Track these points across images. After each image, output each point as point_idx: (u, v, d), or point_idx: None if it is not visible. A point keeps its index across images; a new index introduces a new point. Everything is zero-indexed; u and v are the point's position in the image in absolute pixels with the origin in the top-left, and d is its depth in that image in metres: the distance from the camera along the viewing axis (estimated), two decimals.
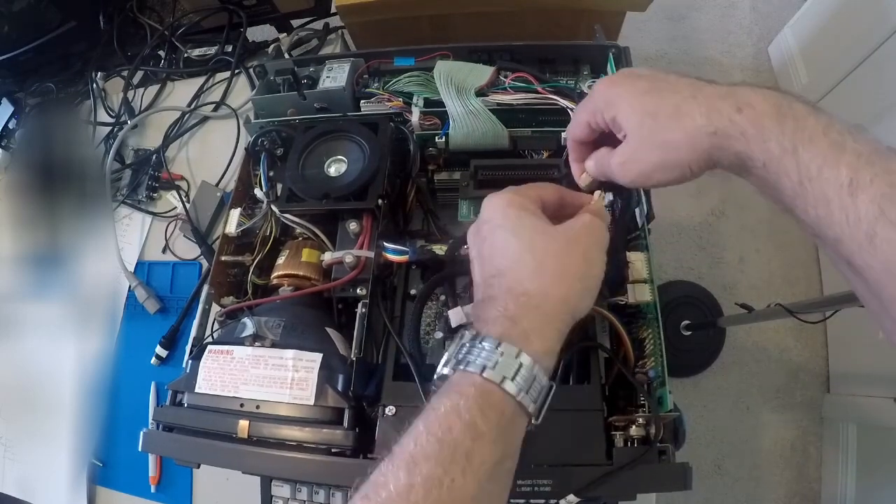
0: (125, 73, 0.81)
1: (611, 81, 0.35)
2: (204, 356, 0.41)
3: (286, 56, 0.65)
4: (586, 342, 0.41)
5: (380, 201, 0.45)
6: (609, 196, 0.46)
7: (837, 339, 1.26)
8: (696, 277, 1.37)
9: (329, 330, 0.44)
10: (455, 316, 0.44)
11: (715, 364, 1.29)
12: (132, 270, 0.69)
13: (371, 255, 0.44)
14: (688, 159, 0.31)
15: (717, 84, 0.32)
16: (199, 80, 0.78)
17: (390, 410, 0.40)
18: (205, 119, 0.76)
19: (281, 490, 0.43)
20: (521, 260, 0.32)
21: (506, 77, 0.53)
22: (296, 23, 0.85)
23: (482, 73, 0.52)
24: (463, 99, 0.50)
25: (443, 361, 0.30)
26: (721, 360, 1.29)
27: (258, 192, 0.52)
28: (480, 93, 0.51)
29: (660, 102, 0.32)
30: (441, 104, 0.50)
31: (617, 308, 0.42)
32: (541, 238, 0.33)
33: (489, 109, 0.50)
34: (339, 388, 0.40)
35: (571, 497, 0.34)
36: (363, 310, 0.43)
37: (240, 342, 0.41)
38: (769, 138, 0.28)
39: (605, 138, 0.36)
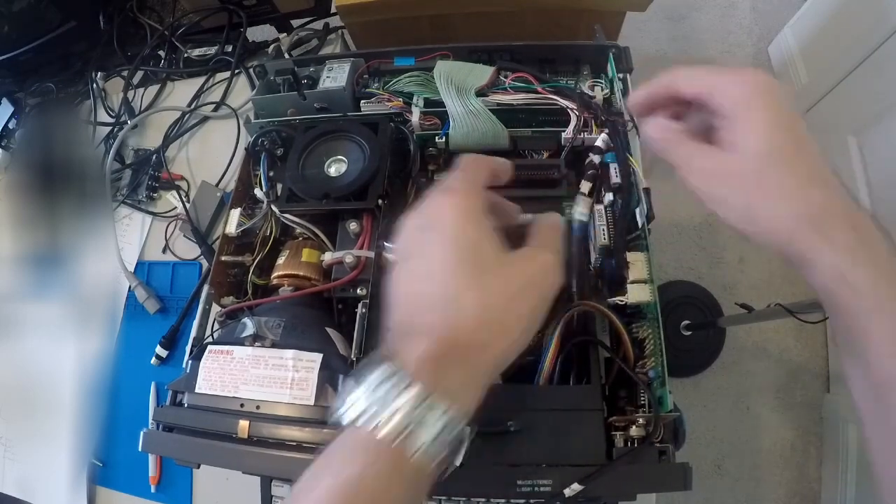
0: (125, 73, 0.81)
1: (767, 80, 0.28)
2: (204, 356, 0.41)
3: (286, 56, 0.65)
4: (585, 337, 0.41)
5: (380, 201, 0.45)
6: (609, 196, 0.46)
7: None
8: (696, 277, 1.37)
9: (329, 330, 0.44)
10: None
11: (715, 364, 1.29)
12: (132, 270, 0.69)
13: (371, 255, 0.44)
14: (767, 233, 0.27)
15: (844, 189, 0.27)
16: (199, 80, 0.78)
17: None
18: (205, 119, 0.76)
19: (281, 490, 0.43)
20: (464, 301, 0.26)
21: (506, 77, 0.53)
22: (296, 23, 0.85)
23: (482, 73, 0.52)
24: (463, 99, 0.50)
25: (351, 401, 0.25)
26: (721, 360, 1.29)
27: (258, 192, 0.52)
28: (480, 93, 0.51)
29: (796, 156, 0.27)
30: (441, 104, 0.50)
31: (617, 308, 0.42)
32: (495, 276, 0.27)
33: (489, 109, 0.50)
34: (340, 388, 0.40)
35: (576, 485, 0.34)
36: (363, 310, 0.43)
37: (240, 342, 0.41)
38: (883, 289, 0.25)
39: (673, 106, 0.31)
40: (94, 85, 0.80)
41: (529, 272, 0.28)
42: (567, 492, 0.34)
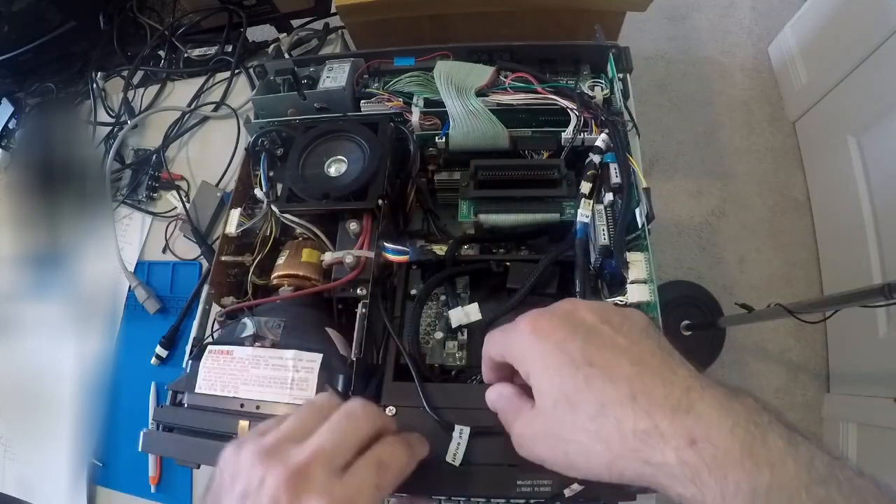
0: (125, 73, 0.81)
1: (536, 326, 0.27)
2: (204, 356, 0.41)
3: (286, 56, 0.65)
4: None
5: (380, 201, 0.45)
6: (609, 196, 0.46)
7: (837, 339, 1.26)
8: (696, 277, 1.37)
9: (329, 330, 0.44)
10: (455, 316, 0.44)
11: (715, 364, 1.29)
12: (132, 270, 0.69)
13: (371, 255, 0.44)
14: (598, 473, 0.25)
15: (674, 371, 0.24)
16: (199, 80, 0.78)
17: (390, 410, 0.40)
18: (205, 119, 0.76)
19: None
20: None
21: (506, 77, 0.53)
22: (296, 23, 0.85)
23: (482, 73, 0.52)
24: (463, 99, 0.50)
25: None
26: (721, 360, 1.29)
27: (258, 192, 0.52)
28: (480, 93, 0.51)
29: (584, 390, 0.25)
30: (441, 104, 0.50)
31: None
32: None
33: (489, 109, 0.50)
34: (340, 388, 0.40)
35: (576, 485, 0.34)
36: (363, 310, 0.43)
37: (240, 342, 0.41)
38: (733, 497, 0.21)
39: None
40: (94, 85, 0.80)
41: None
42: (567, 492, 0.34)
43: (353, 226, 0.46)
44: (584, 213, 0.45)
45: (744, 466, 0.21)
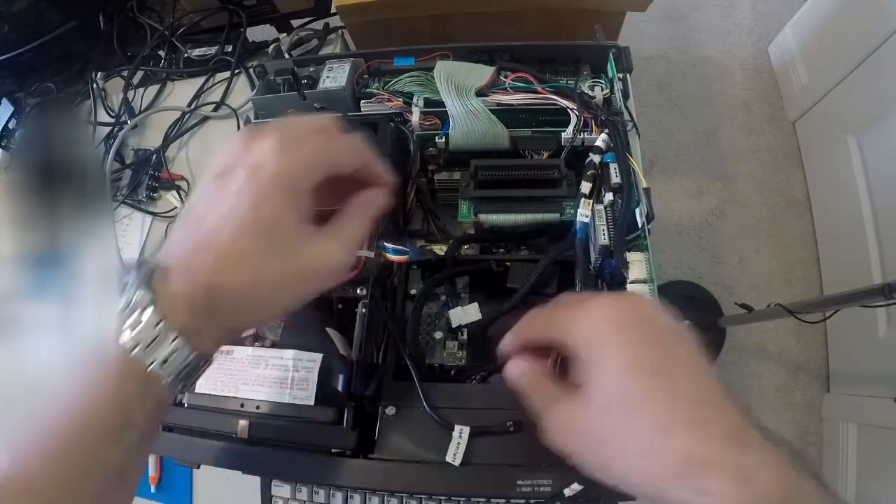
0: (125, 73, 0.81)
1: (610, 316, 0.26)
2: None
3: (286, 56, 0.65)
4: None
5: None
6: (609, 196, 0.46)
7: (837, 339, 1.26)
8: (696, 277, 1.37)
9: (329, 330, 0.44)
10: (455, 316, 0.44)
11: (715, 364, 1.29)
12: None
13: (371, 255, 0.44)
14: (632, 485, 0.24)
15: (724, 406, 0.24)
16: (199, 80, 0.77)
17: (391, 410, 0.40)
18: (205, 119, 0.76)
19: (281, 490, 0.43)
20: (246, 263, 0.26)
21: (506, 77, 0.53)
22: (296, 23, 0.85)
23: (482, 73, 0.52)
24: (463, 99, 0.50)
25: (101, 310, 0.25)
26: (721, 360, 1.29)
27: None
28: (481, 93, 0.51)
29: (648, 400, 0.24)
30: (441, 104, 0.50)
31: None
32: (283, 253, 0.26)
33: (489, 109, 0.50)
34: (340, 388, 0.40)
35: (576, 485, 0.34)
36: (363, 310, 0.43)
37: (240, 342, 0.41)
38: None
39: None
40: (94, 85, 0.80)
41: (316, 264, 0.28)
42: (567, 491, 0.34)
43: None
44: (584, 212, 0.45)
45: None
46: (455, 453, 0.36)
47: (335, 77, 0.55)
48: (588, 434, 0.25)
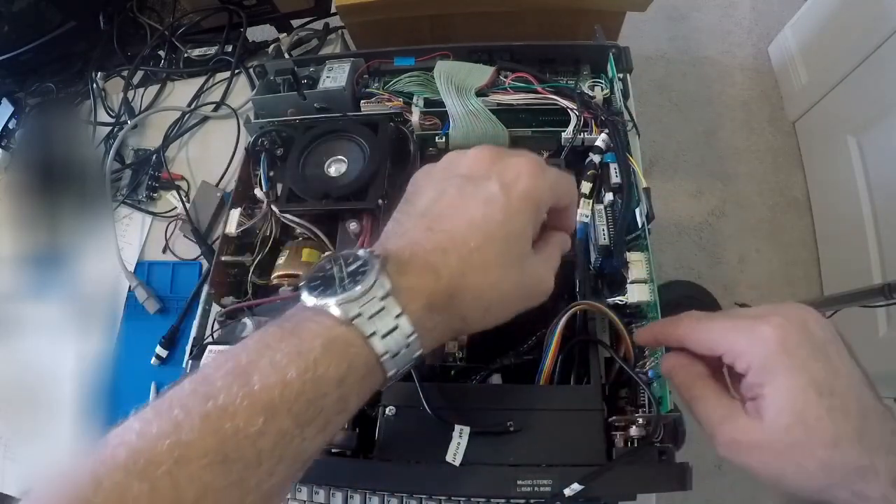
0: (125, 73, 0.81)
1: (785, 339, 0.27)
2: (204, 356, 0.42)
3: (286, 56, 0.65)
4: (586, 337, 0.41)
5: (380, 201, 0.45)
6: (609, 196, 0.46)
7: None
8: (696, 277, 1.37)
9: None
10: None
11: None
12: (132, 270, 0.69)
13: None
14: (804, 491, 0.27)
15: (880, 414, 0.26)
16: (199, 80, 0.78)
17: (391, 411, 0.40)
18: (205, 119, 0.76)
19: None
20: (491, 274, 0.27)
21: (506, 77, 0.53)
22: (296, 23, 0.85)
23: (482, 73, 0.52)
24: (463, 99, 0.50)
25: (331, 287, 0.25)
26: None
27: (258, 193, 0.52)
28: (481, 93, 0.51)
29: (824, 419, 0.25)
30: (441, 104, 0.50)
31: (617, 308, 0.42)
32: (519, 268, 0.28)
33: (489, 109, 0.50)
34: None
35: (576, 485, 0.34)
36: None
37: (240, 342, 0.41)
38: None
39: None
40: (94, 85, 0.80)
41: (536, 283, 0.30)
42: (567, 491, 0.34)
43: (353, 226, 0.46)
44: (583, 212, 0.45)
45: None
46: (455, 453, 0.36)
47: (335, 77, 0.55)
48: (767, 451, 0.27)
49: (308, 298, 0.25)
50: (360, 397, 0.25)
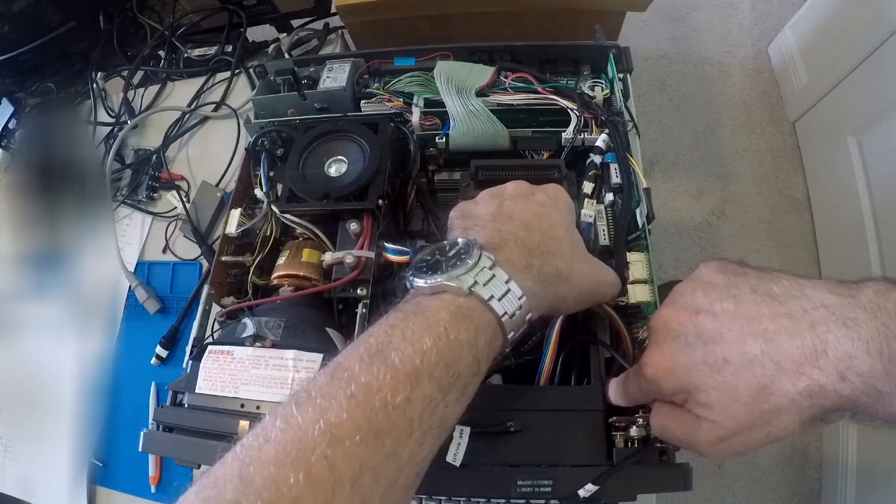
0: (125, 73, 0.81)
1: (664, 363, 0.29)
2: (204, 356, 0.41)
3: (286, 56, 0.65)
4: (586, 336, 0.41)
5: (380, 201, 0.45)
6: (609, 196, 0.46)
7: None
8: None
9: (329, 330, 0.44)
10: None
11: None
12: (132, 270, 0.69)
13: (371, 255, 0.44)
14: (793, 432, 0.26)
15: (790, 318, 0.25)
16: (199, 80, 0.78)
17: None
18: (205, 119, 0.76)
19: None
20: (575, 265, 0.33)
21: (506, 77, 0.53)
22: (296, 23, 0.85)
23: (482, 74, 0.52)
24: (463, 99, 0.50)
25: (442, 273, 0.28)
26: None
27: (258, 193, 0.52)
28: (481, 93, 0.51)
29: (739, 383, 0.26)
30: (441, 104, 0.50)
31: (617, 308, 0.42)
32: (590, 264, 0.35)
33: (490, 110, 0.50)
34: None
35: (590, 485, 0.34)
36: (363, 310, 0.43)
37: (240, 342, 0.41)
38: (892, 401, 0.23)
39: None
40: (94, 85, 0.80)
41: (608, 277, 0.36)
42: (582, 492, 0.34)
43: (353, 226, 0.46)
44: (587, 212, 0.45)
45: (889, 377, 0.23)
46: (455, 453, 0.36)
47: (335, 77, 0.55)
48: (737, 425, 0.27)
49: (422, 281, 0.28)
50: (488, 360, 0.27)
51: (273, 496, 0.19)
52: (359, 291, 0.44)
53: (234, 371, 0.40)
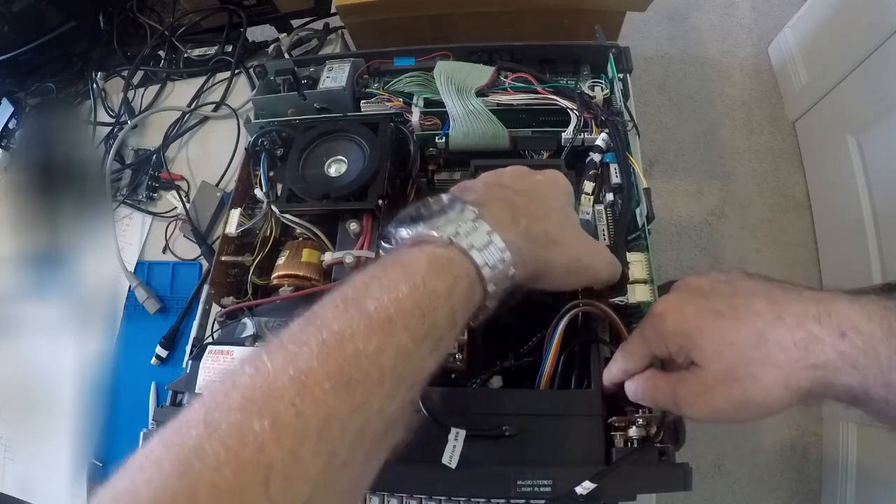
0: (125, 73, 0.81)
1: (675, 304, 0.30)
2: (204, 356, 0.41)
3: (286, 56, 0.65)
4: (587, 337, 0.41)
5: (380, 201, 0.45)
6: (609, 196, 0.46)
7: None
8: (697, 278, 1.37)
9: None
10: None
11: None
12: (132, 270, 0.69)
13: (371, 255, 0.44)
14: (778, 397, 0.26)
15: (799, 293, 0.27)
16: (199, 80, 0.78)
17: None
18: (205, 119, 0.76)
19: None
20: (566, 234, 0.33)
21: (506, 77, 0.53)
22: (296, 23, 0.85)
23: (482, 74, 0.52)
24: (463, 99, 0.50)
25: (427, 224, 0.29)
26: None
27: (258, 193, 0.52)
28: (481, 93, 0.51)
29: (738, 328, 0.27)
30: (441, 104, 0.50)
31: (617, 308, 0.42)
32: (584, 239, 0.35)
33: (489, 110, 0.50)
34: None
35: (587, 483, 0.34)
36: None
37: (240, 342, 0.41)
38: (889, 369, 0.23)
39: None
40: (94, 85, 0.80)
41: (601, 252, 0.37)
42: (580, 489, 0.34)
43: (353, 226, 0.46)
44: (584, 209, 0.45)
45: (889, 343, 0.24)
46: (451, 456, 0.36)
47: (335, 77, 0.55)
48: (718, 384, 0.28)
49: (404, 231, 0.29)
50: (466, 313, 0.27)
51: (237, 443, 0.19)
52: None
53: None
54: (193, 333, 0.47)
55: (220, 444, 0.19)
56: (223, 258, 0.49)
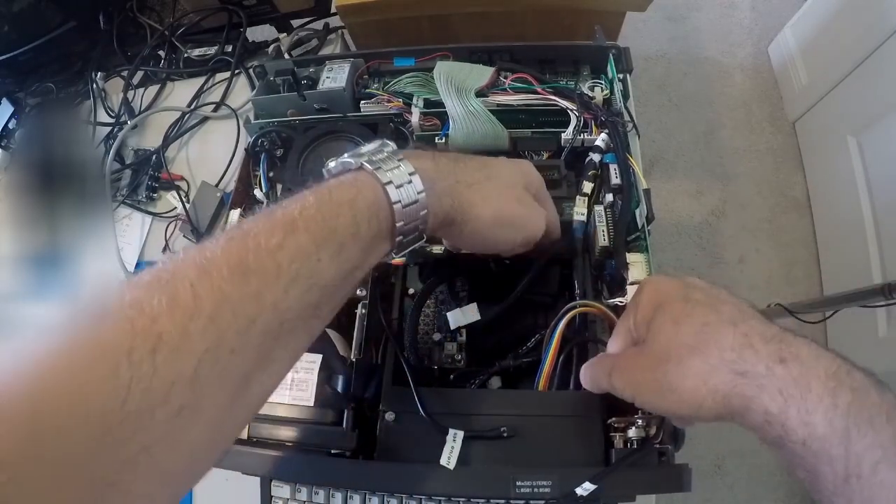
0: (125, 73, 0.81)
1: (659, 280, 0.32)
2: None
3: (286, 56, 0.65)
4: (585, 338, 0.41)
5: None
6: (609, 197, 0.46)
7: (837, 339, 1.26)
8: (696, 277, 1.37)
9: (329, 330, 0.44)
10: (453, 318, 0.44)
11: None
12: (132, 270, 0.69)
13: None
14: (694, 390, 0.26)
15: (772, 325, 0.27)
16: (199, 81, 0.77)
17: (390, 416, 0.40)
18: (205, 119, 0.76)
19: (281, 490, 0.43)
20: (507, 206, 0.34)
21: (506, 77, 0.53)
22: (296, 23, 0.85)
23: (482, 74, 0.52)
24: (463, 100, 0.50)
25: (351, 153, 0.31)
26: None
27: (258, 193, 0.52)
28: (480, 93, 0.51)
29: (692, 314, 0.28)
30: (441, 105, 0.50)
31: (617, 309, 0.42)
32: (527, 206, 0.36)
33: (489, 110, 0.50)
34: (339, 389, 0.40)
35: (587, 484, 0.34)
36: (363, 310, 0.43)
37: None
38: (815, 409, 0.23)
39: None
40: (94, 85, 0.80)
41: (529, 211, 0.36)
42: (580, 490, 0.34)
43: None
44: (579, 211, 0.45)
45: (827, 385, 0.23)
46: (449, 457, 0.36)
47: (335, 77, 0.55)
48: (647, 360, 0.29)
49: (332, 163, 0.32)
50: (370, 227, 0.28)
51: (135, 313, 0.21)
52: (358, 292, 0.44)
53: None
54: None
55: (121, 314, 0.21)
56: None
